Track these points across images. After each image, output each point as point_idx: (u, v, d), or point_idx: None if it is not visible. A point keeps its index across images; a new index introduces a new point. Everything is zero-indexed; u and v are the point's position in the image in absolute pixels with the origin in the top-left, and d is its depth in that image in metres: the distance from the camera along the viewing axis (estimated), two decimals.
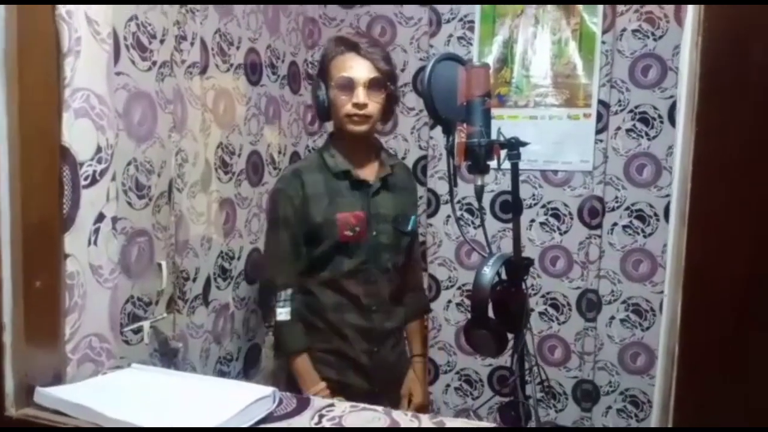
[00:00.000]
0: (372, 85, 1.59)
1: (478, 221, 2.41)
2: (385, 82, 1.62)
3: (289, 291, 1.65)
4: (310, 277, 1.71)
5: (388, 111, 1.68)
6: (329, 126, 2.65)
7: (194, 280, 1.82)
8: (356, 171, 1.67)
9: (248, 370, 2.20)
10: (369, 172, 1.70)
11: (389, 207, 1.70)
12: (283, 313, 1.64)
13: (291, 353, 1.67)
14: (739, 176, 0.62)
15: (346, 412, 0.97)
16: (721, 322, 0.62)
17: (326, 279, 1.69)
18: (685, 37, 0.75)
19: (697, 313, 0.62)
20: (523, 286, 1.30)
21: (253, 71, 2.13)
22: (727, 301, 0.63)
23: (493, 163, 1.35)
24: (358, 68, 1.59)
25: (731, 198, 0.62)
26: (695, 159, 0.59)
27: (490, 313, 1.28)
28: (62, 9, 0.91)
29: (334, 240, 1.64)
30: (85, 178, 1.01)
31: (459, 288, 2.54)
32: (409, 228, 1.71)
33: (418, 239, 2.00)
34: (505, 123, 2.41)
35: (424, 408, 1.88)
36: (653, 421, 0.70)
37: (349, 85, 1.58)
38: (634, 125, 2.33)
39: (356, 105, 1.58)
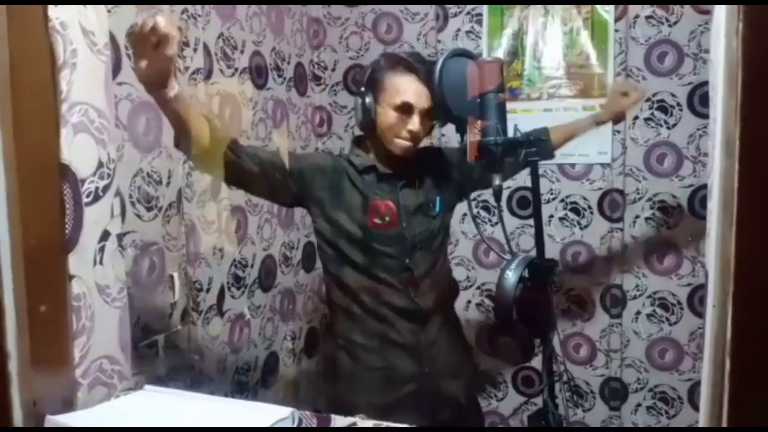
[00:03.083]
0: (427, 112, 1.55)
1: (494, 219, 2.36)
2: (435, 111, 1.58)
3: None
4: (341, 264, 1.63)
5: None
6: (338, 128, 2.64)
7: (207, 290, 1.79)
8: (383, 166, 1.62)
9: (267, 380, 2.17)
10: (397, 167, 1.65)
11: (418, 196, 1.64)
12: None
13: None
14: None
15: None
16: None
17: (358, 266, 1.61)
18: (717, 22, 0.69)
19: (750, 326, 0.56)
20: (548, 290, 1.25)
21: (258, 75, 2.09)
22: None
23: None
24: (417, 95, 1.54)
25: None
26: (741, 155, 0.53)
27: (515, 318, 1.23)
28: (56, 21, 0.87)
29: (364, 226, 1.59)
30: (87, 195, 0.97)
31: (478, 288, 2.48)
32: (437, 210, 1.65)
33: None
34: (518, 117, 2.35)
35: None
36: None
37: (407, 110, 1.54)
38: (652, 114, 2.27)
39: (410, 132, 1.55)
